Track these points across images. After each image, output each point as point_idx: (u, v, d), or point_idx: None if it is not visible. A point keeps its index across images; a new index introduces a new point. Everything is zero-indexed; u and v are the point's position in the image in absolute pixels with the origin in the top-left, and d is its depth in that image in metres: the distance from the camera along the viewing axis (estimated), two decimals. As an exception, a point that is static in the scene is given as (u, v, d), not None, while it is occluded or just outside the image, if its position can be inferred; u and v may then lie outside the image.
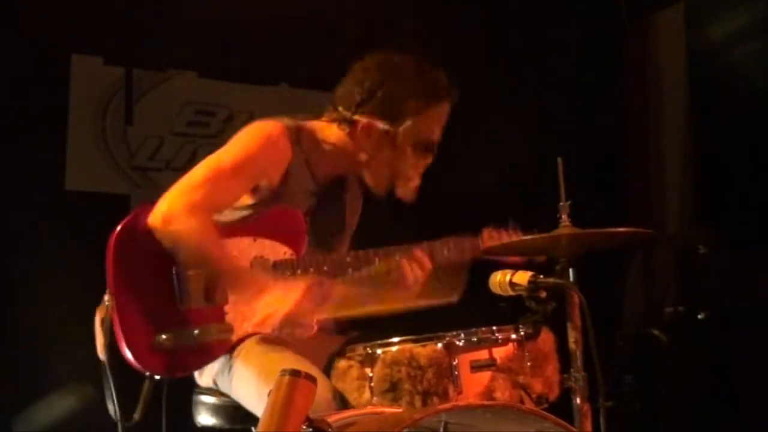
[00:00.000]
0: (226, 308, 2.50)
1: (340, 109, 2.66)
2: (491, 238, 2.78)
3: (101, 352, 2.46)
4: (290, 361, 2.38)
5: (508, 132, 4.66)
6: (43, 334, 3.79)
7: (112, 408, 2.45)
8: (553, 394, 2.30)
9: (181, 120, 4.47)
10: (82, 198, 4.16)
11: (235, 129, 2.70)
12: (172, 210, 2.43)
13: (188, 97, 4.48)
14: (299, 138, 2.63)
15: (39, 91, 4.03)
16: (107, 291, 2.42)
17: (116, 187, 4.31)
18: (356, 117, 2.62)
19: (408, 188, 2.66)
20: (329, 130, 2.69)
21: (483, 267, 2.46)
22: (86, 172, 4.23)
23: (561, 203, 2.29)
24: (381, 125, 2.60)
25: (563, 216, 2.28)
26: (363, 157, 2.65)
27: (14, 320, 3.81)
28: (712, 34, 4.72)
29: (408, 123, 2.59)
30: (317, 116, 2.73)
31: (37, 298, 3.81)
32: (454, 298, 2.65)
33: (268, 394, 1.90)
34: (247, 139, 2.58)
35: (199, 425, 2.70)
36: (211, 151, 2.60)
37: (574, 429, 2.07)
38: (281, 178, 2.59)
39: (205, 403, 2.67)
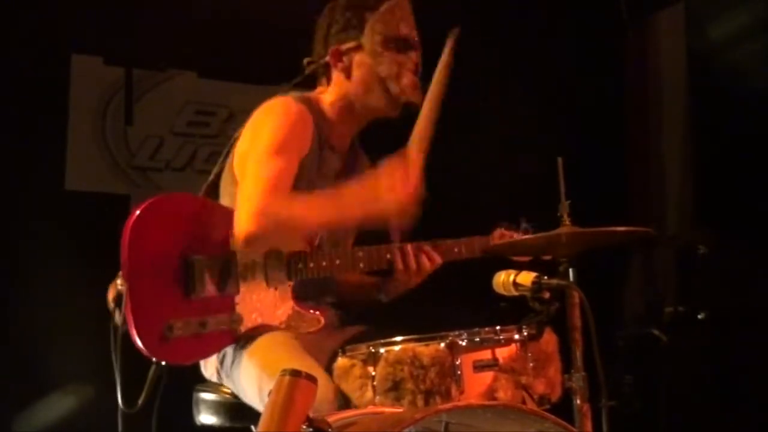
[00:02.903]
0: (237, 298, 2.51)
1: (314, 60, 2.73)
2: (502, 237, 2.82)
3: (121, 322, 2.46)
4: (295, 358, 2.39)
5: (508, 132, 4.66)
6: (43, 334, 3.79)
7: (120, 393, 2.46)
8: (556, 395, 2.31)
9: (181, 120, 4.47)
10: (82, 198, 4.16)
11: (235, 129, 2.70)
12: (254, 215, 2.42)
13: (188, 97, 4.48)
14: (311, 107, 2.67)
15: (39, 91, 4.03)
16: (120, 274, 2.42)
17: (116, 187, 4.31)
18: (327, 57, 2.69)
19: (402, 84, 2.67)
20: (322, 91, 2.74)
21: (484, 267, 2.46)
22: (86, 172, 4.23)
23: (561, 203, 2.29)
24: (347, 45, 2.67)
25: (563, 215, 2.29)
26: (351, 88, 2.69)
27: (14, 320, 3.81)
28: (712, 34, 4.72)
29: (367, 30, 2.66)
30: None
31: (37, 298, 3.81)
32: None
33: (268, 394, 1.90)
34: (274, 119, 2.60)
35: (199, 424, 2.70)
36: (211, 151, 2.61)
37: (574, 429, 2.08)
38: (308, 151, 2.61)
39: (205, 401, 2.68)
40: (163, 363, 2.44)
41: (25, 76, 3.97)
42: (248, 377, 2.48)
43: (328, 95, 2.73)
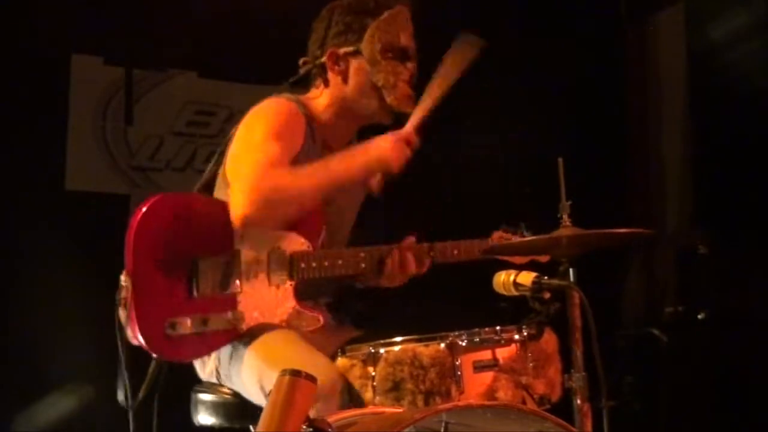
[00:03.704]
0: (239, 296, 2.51)
1: (309, 60, 2.75)
2: (501, 240, 2.82)
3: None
4: (299, 351, 2.40)
5: (508, 132, 4.66)
6: (43, 334, 3.79)
7: (122, 390, 2.46)
8: (556, 395, 2.31)
9: (181, 120, 4.47)
10: (82, 198, 4.16)
11: (236, 129, 2.70)
12: (249, 193, 2.43)
13: (188, 97, 4.48)
14: (303, 108, 2.67)
15: (39, 91, 4.03)
16: (124, 272, 2.42)
17: (116, 187, 4.30)
18: (323, 58, 2.70)
19: (397, 94, 2.69)
20: (316, 94, 2.75)
21: (484, 267, 2.46)
22: (86, 172, 4.23)
23: (561, 203, 2.29)
24: (345, 49, 2.69)
25: (564, 216, 2.29)
26: (347, 92, 2.70)
27: (14, 320, 3.81)
28: (712, 34, 4.71)
29: (367, 36, 2.67)
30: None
31: (37, 298, 3.81)
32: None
33: (268, 394, 1.90)
34: (268, 114, 2.61)
35: (197, 424, 2.70)
36: (211, 152, 2.61)
37: (574, 429, 2.07)
38: (300, 148, 2.61)
39: (204, 402, 2.67)
40: (164, 360, 2.44)
41: (25, 76, 3.97)
42: (249, 371, 2.48)
43: (322, 99, 2.74)
